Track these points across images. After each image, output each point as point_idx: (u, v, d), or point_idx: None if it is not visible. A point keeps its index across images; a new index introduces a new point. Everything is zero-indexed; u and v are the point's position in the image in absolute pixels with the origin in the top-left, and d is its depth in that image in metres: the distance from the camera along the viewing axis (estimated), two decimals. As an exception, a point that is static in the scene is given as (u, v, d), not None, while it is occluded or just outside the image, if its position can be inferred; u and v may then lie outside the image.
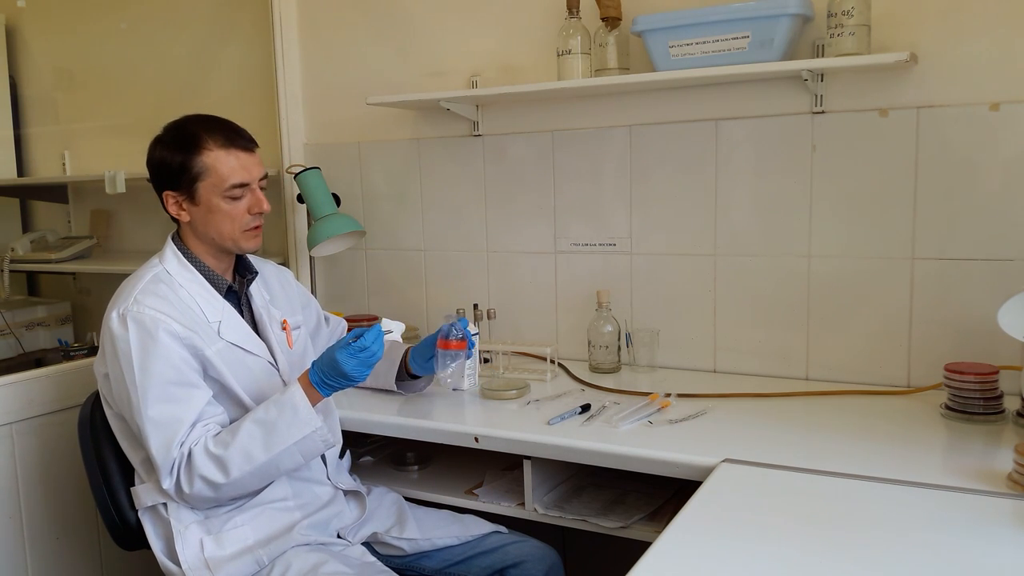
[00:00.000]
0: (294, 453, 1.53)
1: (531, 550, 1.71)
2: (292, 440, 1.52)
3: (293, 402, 1.53)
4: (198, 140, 1.60)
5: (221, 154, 1.60)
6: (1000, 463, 1.43)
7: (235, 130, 1.65)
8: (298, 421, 1.52)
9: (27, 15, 3.34)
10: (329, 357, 1.54)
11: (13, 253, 3.15)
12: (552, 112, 2.26)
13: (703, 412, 1.77)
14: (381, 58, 2.48)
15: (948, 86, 1.82)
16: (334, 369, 1.53)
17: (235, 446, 1.51)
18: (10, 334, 3.00)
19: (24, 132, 3.40)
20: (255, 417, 1.54)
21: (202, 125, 1.63)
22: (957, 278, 1.86)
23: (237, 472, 1.51)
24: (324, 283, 2.67)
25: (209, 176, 1.60)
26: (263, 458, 1.51)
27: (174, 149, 1.61)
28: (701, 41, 1.89)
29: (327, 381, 1.55)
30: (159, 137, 1.66)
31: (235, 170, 1.61)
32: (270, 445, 1.51)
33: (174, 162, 1.61)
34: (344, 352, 1.53)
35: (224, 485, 1.52)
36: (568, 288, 2.31)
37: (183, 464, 1.52)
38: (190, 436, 1.53)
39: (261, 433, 1.52)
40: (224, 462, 1.51)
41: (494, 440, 1.71)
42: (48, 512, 2.08)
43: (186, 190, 1.62)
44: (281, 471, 1.57)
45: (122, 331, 1.54)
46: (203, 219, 1.63)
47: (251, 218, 1.65)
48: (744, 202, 2.06)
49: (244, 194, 1.63)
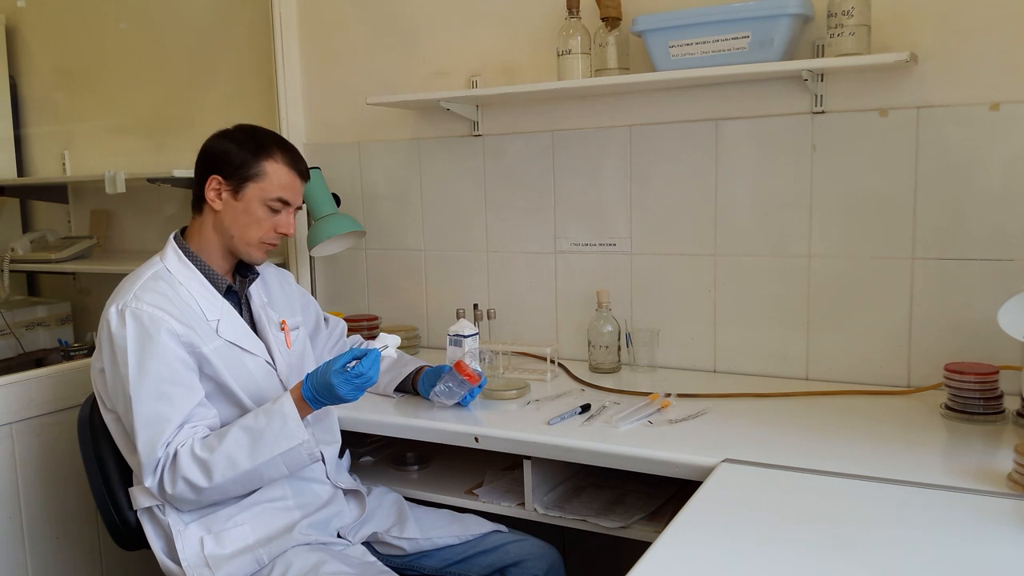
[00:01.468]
0: (279, 464, 1.54)
1: (531, 549, 1.71)
2: (278, 451, 1.52)
3: (283, 412, 1.54)
4: (269, 148, 1.67)
5: (283, 169, 1.67)
6: (1000, 463, 1.43)
7: (300, 157, 1.73)
8: (286, 432, 1.53)
9: (27, 15, 3.34)
10: (324, 379, 1.54)
11: (13, 253, 3.15)
12: (552, 112, 2.26)
13: (703, 412, 1.77)
14: (381, 58, 2.48)
15: (948, 86, 1.82)
16: (328, 390, 1.53)
17: (220, 451, 1.51)
18: (10, 334, 3.01)
19: (24, 132, 3.40)
20: (243, 424, 1.54)
21: (275, 139, 1.71)
22: (957, 278, 1.86)
23: (220, 478, 1.51)
24: (324, 283, 2.68)
25: (263, 180, 1.65)
26: (247, 466, 1.52)
27: (243, 146, 1.66)
28: (701, 41, 1.89)
29: (318, 398, 1.55)
30: (228, 131, 1.70)
31: (286, 187, 1.68)
32: (256, 454, 1.52)
33: (238, 156, 1.65)
34: (340, 376, 1.53)
35: (206, 489, 1.52)
36: (568, 288, 2.31)
37: (167, 464, 1.52)
38: (177, 436, 1.53)
39: (248, 441, 1.52)
40: (208, 466, 1.51)
41: (494, 440, 1.71)
42: (48, 512, 2.08)
43: (235, 183, 1.65)
44: (264, 480, 1.57)
45: (120, 327, 1.54)
46: (233, 215, 1.66)
47: (274, 235, 1.70)
48: (744, 202, 2.06)
49: (281, 210, 1.68)
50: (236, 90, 2.80)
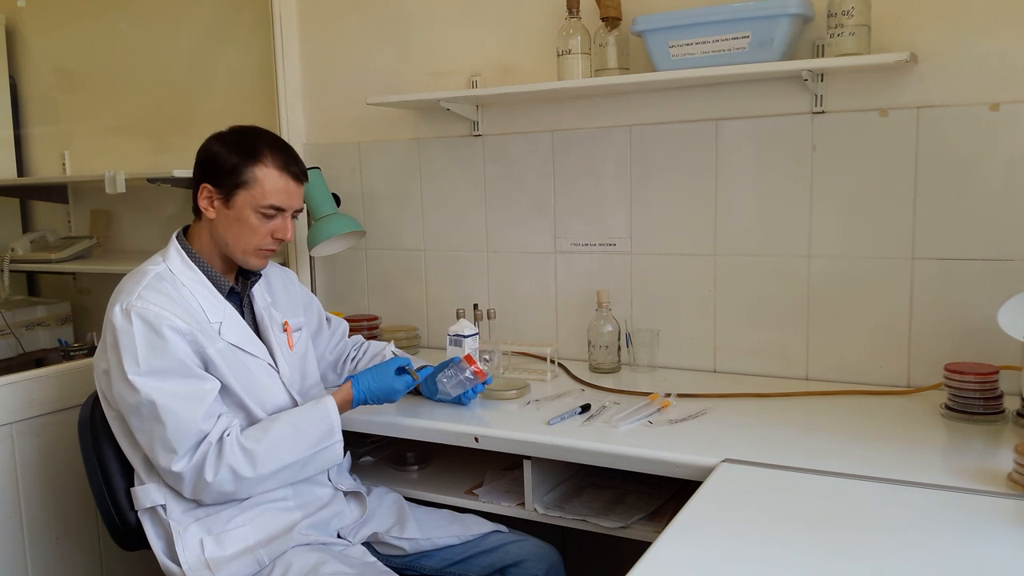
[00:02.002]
0: (315, 460, 1.61)
1: (531, 549, 1.71)
2: (318, 448, 1.60)
3: (327, 413, 1.62)
4: (258, 152, 1.62)
5: (273, 173, 1.63)
6: (1000, 463, 1.43)
7: (294, 157, 1.68)
8: (326, 430, 1.62)
9: (27, 15, 3.34)
10: (386, 385, 1.68)
11: (13, 253, 3.15)
12: (552, 112, 2.26)
13: (703, 412, 1.77)
14: (381, 58, 2.48)
15: (948, 86, 1.82)
16: (385, 395, 1.70)
17: (266, 442, 1.56)
18: (10, 334, 3.01)
19: (24, 132, 3.40)
20: (287, 420, 1.60)
21: (266, 140, 1.65)
22: (957, 278, 1.86)
23: (264, 469, 1.55)
24: (324, 283, 2.68)
25: (253, 188, 1.62)
26: (290, 459, 1.57)
27: (232, 150, 1.63)
28: (701, 41, 1.89)
29: (369, 402, 1.70)
30: (222, 133, 1.67)
31: (278, 192, 1.63)
32: (299, 449, 1.58)
33: (228, 161, 1.62)
34: (401, 382, 1.70)
35: (248, 479, 1.54)
36: (568, 288, 2.31)
37: (211, 450, 1.52)
38: (216, 425, 1.54)
39: (292, 435, 1.58)
40: (254, 457, 1.54)
41: (494, 440, 1.71)
42: (48, 512, 2.08)
43: (225, 191, 1.63)
44: (298, 477, 1.62)
45: (126, 325, 1.54)
46: (226, 224, 1.64)
47: (271, 241, 1.67)
48: (744, 202, 2.06)
49: (276, 216, 1.65)
50: (236, 90, 2.80)
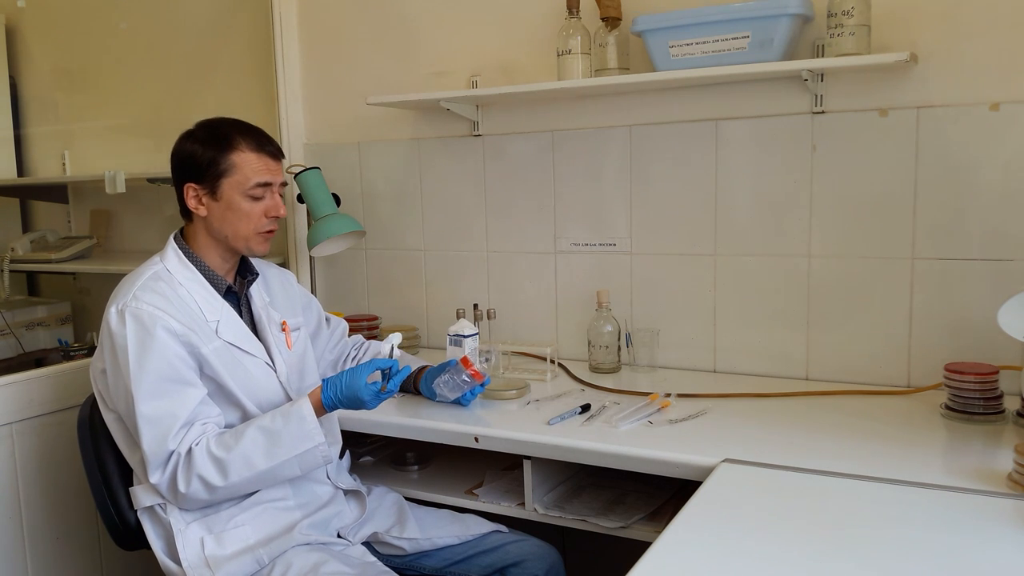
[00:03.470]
0: (293, 465, 1.56)
1: (532, 549, 1.71)
2: (295, 452, 1.55)
3: (301, 415, 1.56)
4: (231, 139, 1.64)
5: (251, 156, 1.65)
6: (1000, 463, 1.43)
7: (266, 137, 1.70)
8: (303, 434, 1.56)
9: (27, 15, 3.34)
10: (351, 391, 1.58)
11: (13, 253, 3.15)
12: (552, 112, 2.26)
13: (703, 412, 1.77)
14: (381, 58, 2.48)
15: (948, 86, 1.83)
16: (354, 402, 1.60)
17: (237, 450, 1.52)
18: (10, 334, 3.01)
19: (24, 132, 3.40)
20: (260, 424, 1.56)
21: (235, 127, 1.67)
22: (957, 278, 1.86)
23: (236, 477, 1.52)
24: (324, 283, 2.68)
25: (235, 174, 1.63)
26: (263, 466, 1.53)
27: (206, 145, 1.64)
28: (701, 41, 1.89)
29: (339, 406, 1.61)
30: (191, 132, 1.69)
31: (260, 171, 1.65)
32: (272, 454, 1.54)
33: (204, 157, 1.63)
34: (367, 391, 1.59)
35: (221, 488, 1.52)
36: (568, 288, 2.31)
37: (181, 462, 1.52)
38: (188, 434, 1.53)
39: (265, 441, 1.54)
40: (225, 465, 1.52)
41: (494, 440, 1.71)
42: (48, 512, 2.08)
43: (209, 185, 1.64)
44: (277, 480, 1.59)
45: (120, 327, 1.54)
46: (220, 216, 1.65)
47: (267, 221, 1.68)
48: (744, 202, 2.06)
49: (264, 195, 1.66)
50: (236, 90, 2.80)
